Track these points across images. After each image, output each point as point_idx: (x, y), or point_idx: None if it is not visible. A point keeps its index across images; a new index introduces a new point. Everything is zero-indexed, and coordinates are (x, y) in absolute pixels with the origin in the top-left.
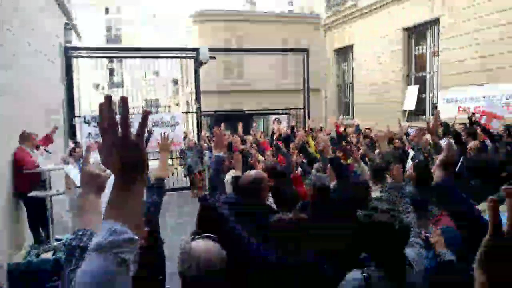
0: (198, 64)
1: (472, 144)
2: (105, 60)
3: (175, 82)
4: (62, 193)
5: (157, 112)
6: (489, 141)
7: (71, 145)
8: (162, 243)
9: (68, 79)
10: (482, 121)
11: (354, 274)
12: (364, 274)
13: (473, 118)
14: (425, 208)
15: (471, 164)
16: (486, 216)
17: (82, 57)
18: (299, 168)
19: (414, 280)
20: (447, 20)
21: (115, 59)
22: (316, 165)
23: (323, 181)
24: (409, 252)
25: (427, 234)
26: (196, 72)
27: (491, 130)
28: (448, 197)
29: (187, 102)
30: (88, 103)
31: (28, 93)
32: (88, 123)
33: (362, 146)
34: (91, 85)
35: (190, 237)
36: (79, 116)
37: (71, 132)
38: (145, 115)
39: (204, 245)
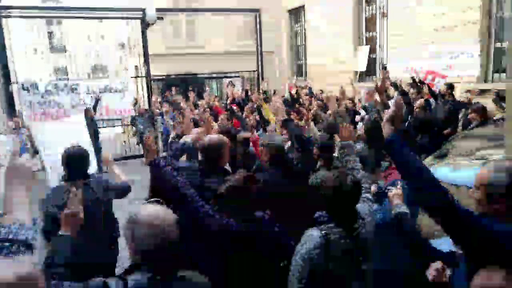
0: (145, 25)
1: (417, 103)
2: (42, 22)
3: (122, 45)
4: None
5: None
6: (432, 99)
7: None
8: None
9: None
10: (427, 80)
11: (313, 232)
12: (323, 232)
13: (417, 78)
14: (374, 164)
15: (417, 122)
16: (431, 168)
17: (14, 16)
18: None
19: (366, 236)
20: None
21: (54, 21)
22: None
23: (276, 141)
24: (361, 207)
25: (377, 188)
26: (143, 34)
27: (433, 89)
28: (395, 151)
29: (136, 66)
30: (25, 68)
31: None
32: (28, 90)
33: (314, 107)
34: (27, 49)
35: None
36: (16, 83)
37: (8, 100)
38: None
39: (152, 209)
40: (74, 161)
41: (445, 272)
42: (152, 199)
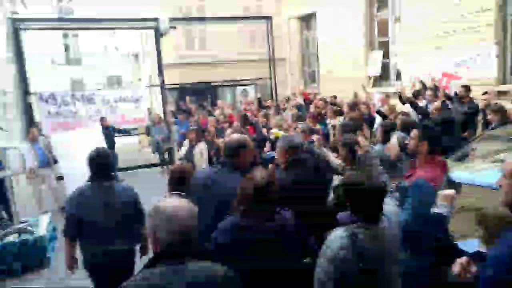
0: (159, 35)
1: (434, 105)
2: (59, 34)
3: (136, 56)
4: (11, 174)
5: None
6: (448, 101)
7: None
8: None
9: (18, 54)
10: (443, 83)
11: (338, 233)
12: (349, 232)
13: (432, 83)
14: (392, 165)
15: (434, 124)
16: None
17: (32, 29)
18: None
19: (392, 236)
20: None
21: (69, 34)
22: None
23: (294, 140)
24: (386, 208)
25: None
26: (157, 43)
27: (448, 91)
28: None
29: (150, 76)
30: (43, 79)
31: None
32: (46, 100)
33: (329, 112)
34: (44, 61)
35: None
36: (34, 93)
37: (27, 111)
38: None
39: (173, 201)
40: (100, 162)
41: (470, 267)
42: (173, 192)
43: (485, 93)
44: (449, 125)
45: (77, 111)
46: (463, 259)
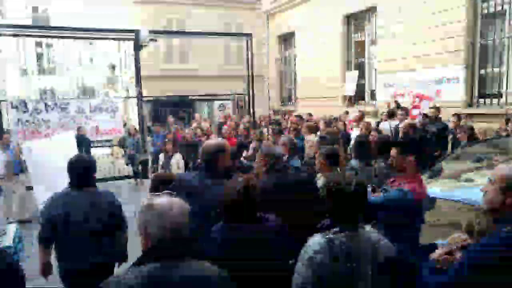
0: (138, 47)
1: (404, 123)
2: (32, 43)
3: (113, 67)
4: None
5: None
6: (417, 120)
7: None
8: None
9: None
10: (416, 102)
11: (316, 238)
12: (326, 237)
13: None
14: (368, 176)
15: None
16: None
17: (5, 35)
18: None
19: (371, 239)
20: (383, 8)
21: (43, 43)
22: None
23: (275, 149)
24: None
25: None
26: (136, 55)
27: (420, 110)
28: None
29: (127, 89)
30: (14, 88)
31: None
32: (16, 108)
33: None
34: (16, 69)
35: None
36: (4, 101)
37: None
38: None
39: (165, 198)
40: (81, 168)
41: (455, 254)
42: (164, 191)
43: (455, 114)
44: (417, 144)
45: (49, 119)
46: (445, 247)
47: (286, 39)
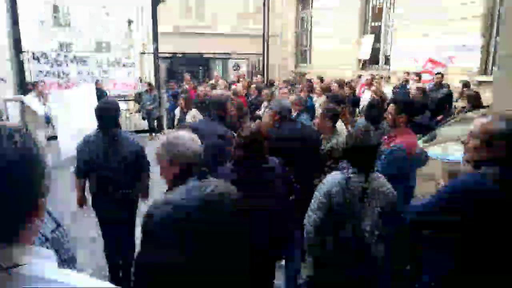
0: (156, 1)
1: (414, 86)
2: None
3: (129, 22)
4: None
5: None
6: (427, 85)
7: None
8: None
9: (12, 12)
10: (428, 67)
11: (336, 176)
12: (345, 176)
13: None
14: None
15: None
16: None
17: None
18: None
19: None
20: None
21: None
22: None
23: (286, 104)
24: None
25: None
26: (154, 10)
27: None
28: None
29: (143, 44)
30: (32, 41)
31: None
32: (38, 59)
33: (317, 89)
34: (33, 21)
35: None
36: (26, 52)
37: (19, 70)
38: None
39: (184, 132)
40: (106, 111)
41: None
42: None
43: (463, 81)
44: (421, 108)
45: (69, 72)
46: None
47: (304, 0)
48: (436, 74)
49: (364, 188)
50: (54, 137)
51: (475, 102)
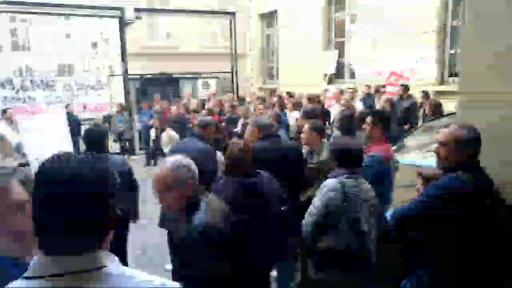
0: (124, 24)
1: (382, 98)
2: (6, 19)
3: (94, 44)
4: None
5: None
6: (395, 97)
7: None
8: None
9: None
10: (391, 80)
11: (331, 181)
12: (339, 181)
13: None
14: None
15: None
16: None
17: None
18: None
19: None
20: None
21: (17, 18)
22: None
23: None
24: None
25: None
26: (122, 32)
27: (396, 89)
28: None
29: (110, 66)
30: None
31: None
32: (2, 85)
33: (289, 104)
34: None
35: None
36: None
37: None
38: None
39: (183, 157)
40: (94, 135)
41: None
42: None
43: (423, 92)
44: (388, 119)
45: (35, 97)
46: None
47: (269, 18)
48: (400, 85)
49: (359, 191)
50: (24, 164)
51: (438, 110)
